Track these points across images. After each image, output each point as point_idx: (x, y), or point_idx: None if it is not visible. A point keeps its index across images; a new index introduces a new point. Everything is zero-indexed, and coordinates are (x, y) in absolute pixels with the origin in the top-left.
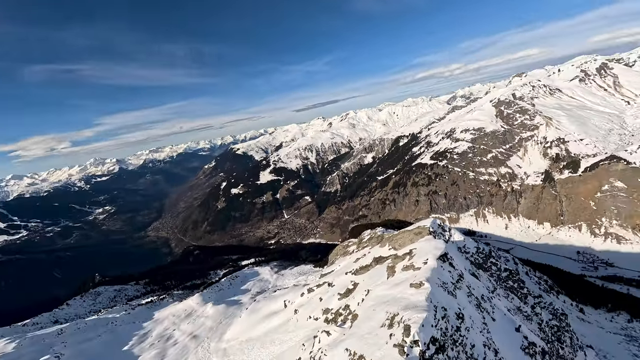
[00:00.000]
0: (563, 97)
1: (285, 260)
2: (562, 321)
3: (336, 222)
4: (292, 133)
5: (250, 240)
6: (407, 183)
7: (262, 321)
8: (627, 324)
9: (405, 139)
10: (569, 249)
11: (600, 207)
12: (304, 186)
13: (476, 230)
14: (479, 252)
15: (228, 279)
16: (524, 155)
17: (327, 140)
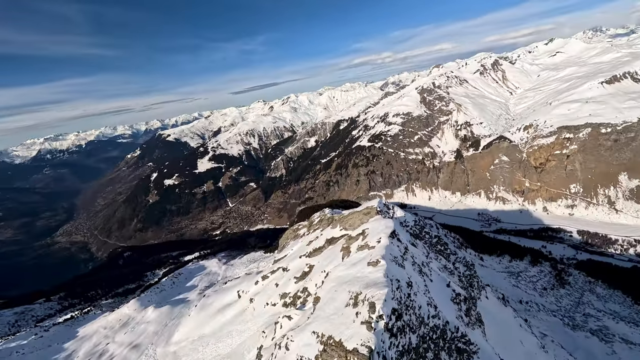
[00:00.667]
0: (469, 87)
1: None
2: (472, 270)
3: (283, 206)
4: (231, 117)
5: (193, 234)
6: (349, 165)
7: (214, 316)
8: (508, 264)
9: (345, 123)
10: (473, 211)
11: (492, 177)
12: (247, 172)
13: (407, 203)
14: (415, 225)
15: (170, 277)
16: (441, 136)
17: (269, 124)
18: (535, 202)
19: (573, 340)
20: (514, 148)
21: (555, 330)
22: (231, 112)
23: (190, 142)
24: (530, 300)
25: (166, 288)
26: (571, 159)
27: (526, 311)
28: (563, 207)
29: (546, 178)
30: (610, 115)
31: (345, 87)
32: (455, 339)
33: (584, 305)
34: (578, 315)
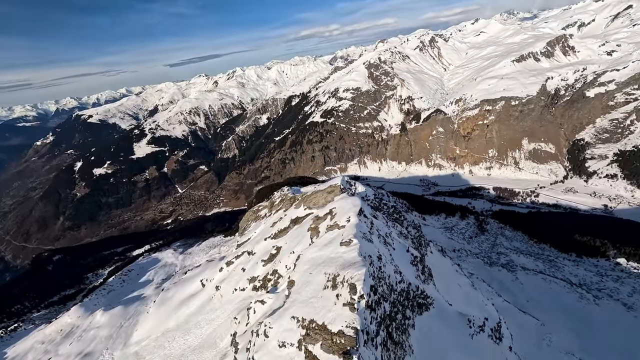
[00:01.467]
0: (410, 63)
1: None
2: (419, 231)
3: (239, 187)
4: (169, 94)
5: (139, 226)
6: (303, 141)
7: (178, 308)
8: (444, 220)
9: (297, 99)
10: (416, 178)
11: (431, 146)
12: (196, 155)
13: (359, 175)
14: (375, 198)
15: (118, 276)
16: (388, 111)
17: (215, 101)
18: (464, 167)
19: (490, 274)
20: (447, 120)
21: (478, 268)
22: (168, 87)
23: (121, 123)
24: (461, 248)
25: (115, 288)
26: (490, 128)
27: (458, 257)
28: (483, 169)
29: (471, 145)
30: (518, 90)
31: (295, 61)
32: (417, 296)
33: (497, 246)
34: (493, 254)
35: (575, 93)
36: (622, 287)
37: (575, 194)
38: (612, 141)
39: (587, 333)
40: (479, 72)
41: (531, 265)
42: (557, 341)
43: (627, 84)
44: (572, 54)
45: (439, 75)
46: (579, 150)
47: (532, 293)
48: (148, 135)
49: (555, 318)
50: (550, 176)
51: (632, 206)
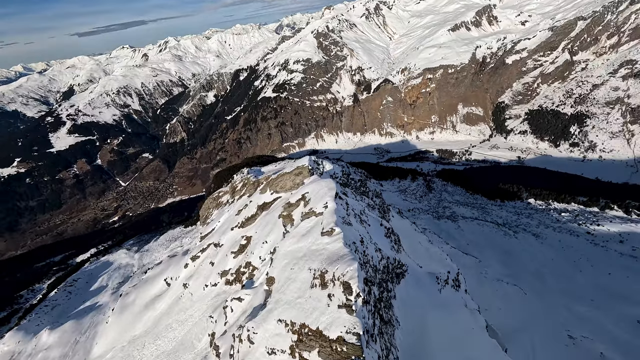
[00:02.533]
0: (358, 32)
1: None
2: (381, 198)
3: (194, 173)
4: (85, 71)
5: (78, 229)
6: (257, 119)
7: (143, 312)
8: (398, 184)
9: (245, 73)
10: (370, 147)
11: (382, 116)
12: (135, 142)
13: (318, 148)
14: (343, 174)
15: (62, 288)
16: (340, 82)
17: (148, 78)
18: (411, 133)
19: (439, 226)
20: (395, 89)
21: (429, 223)
22: (83, 63)
23: (25, 110)
24: (414, 208)
25: (60, 302)
26: (431, 95)
27: (413, 216)
28: (428, 134)
29: (417, 113)
30: (453, 58)
31: (237, 30)
32: (395, 268)
33: (443, 201)
34: (440, 209)
35: (498, 60)
36: (532, 221)
37: (498, 149)
38: (524, 102)
39: (510, 262)
40: (420, 41)
41: (468, 213)
42: (491, 273)
43: (535, 51)
44: (495, 23)
45: (385, 44)
46: (500, 112)
47: (470, 237)
48: (67, 123)
49: (488, 254)
50: (480, 136)
51: (537, 155)
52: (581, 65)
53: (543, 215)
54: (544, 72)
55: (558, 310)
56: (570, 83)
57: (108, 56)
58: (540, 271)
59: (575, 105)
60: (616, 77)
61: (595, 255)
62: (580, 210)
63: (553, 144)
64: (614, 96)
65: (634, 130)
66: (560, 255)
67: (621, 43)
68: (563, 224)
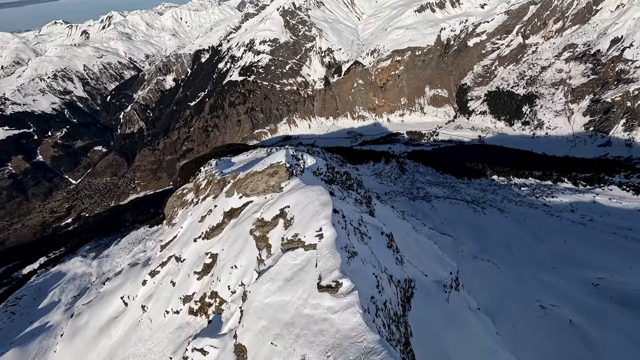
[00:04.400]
0: (326, 10)
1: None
2: (364, 188)
3: (157, 166)
4: (10, 51)
5: (22, 235)
6: (224, 104)
7: (98, 339)
8: (373, 167)
9: (207, 54)
10: (343, 131)
11: (354, 99)
12: (84, 134)
13: (291, 134)
14: (328, 169)
15: (3, 308)
16: (310, 64)
17: (92, 59)
18: (382, 116)
19: (414, 207)
20: (366, 72)
21: (405, 205)
22: (5, 40)
23: None
24: (390, 191)
25: (1, 325)
26: (400, 78)
27: (390, 199)
28: (398, 117)
29: (387, 95)
30: (420, 40)
31: (194, 6)
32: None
33: (416, 182)
34: (414, 190)
35: (461, 43)
36: (496, 197)
37: (462, 129)
38: (484, 84)
39: (481, 237)
40: (388, 22)
41: (440, 193)
42: (467, 250)
43: (493, 34)
44: (457, 5)
45: (354, 25)
46: (463, 93)
47: (444, 215)
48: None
49: (461, 231)
50: (445, 117)
51: (495, 134)
52: (532, 49)
53: (506, 191)
54: (501, 55)
55: (527, 280)
56: (522, 65)
57: (37, 33)
58: (507, 243)
59: (527, 87)
60: (560, 59)
61: (552, 225)
62: (537, 184)
63: (508, 123)
64: (558, 78)
65: (574, 108)
66: (522, 227)
67: (565, 27)
68: (523, 198)
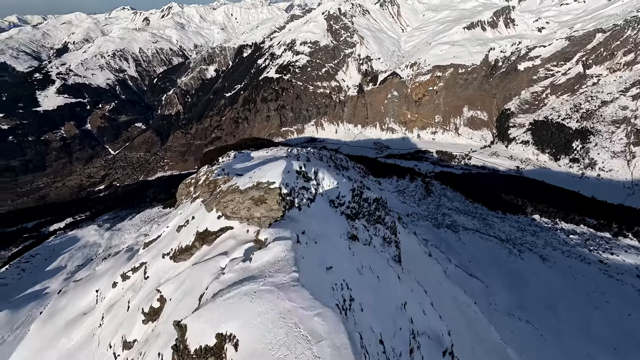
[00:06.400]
0: (370, 19)
1: (125, 208)
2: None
3: (187, 149)
4: (82, 29)
5: (62, 194)
6: (257, 99)
7: (62, 333)
8: (396, 183)
9: (249, 50)
10: (370, 141)
11: (386, 110)
12: (129, 110)
13: (316, 137)
14: (354, 196)
15: (15, 264)
16: (346, 70)
17: (147, 44)
18: (413, 131)
19: (438, 235)
20: (402, 84)
21: (428, 232)
22: (80, 20)
23: (15, 63)
24: (413, 212)
25: (9, 280)
26: (438, 94)
27: (412, 222)
28: (429, 134)
29: (421, 111)
30: (466, 57)
31: (246, 4)
32: None
33: (442, 207)
34: (439, 215)
35: (510, 65)
36: (537, 240)
37: (498, 157)
38: (530, 112)
39: (518, 287)
40: (433, 36)
41: (469, 224)
42: (500, 302)
43: (549, 60)
44: (512, 26)
45: (397, 36)
46: (505, 119)
47: (472, 251)
48: (57, 82)
49: (493, 275)
50: (481, 141)
51: (536, 167)
52: (593, 80)
53: (550, 235)
54: (555, 83)
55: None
56: (579, 97)
57: (107, 16)
58: (551, 302)
59: (581, 121)
60: (627, 95)
61: (611, 290)
62: (591, 234)
63: (553, 157)
64: (621, 115)
65: (636, 152)
66: (571, 284)
67: (637, 61)
68: (572, 248)
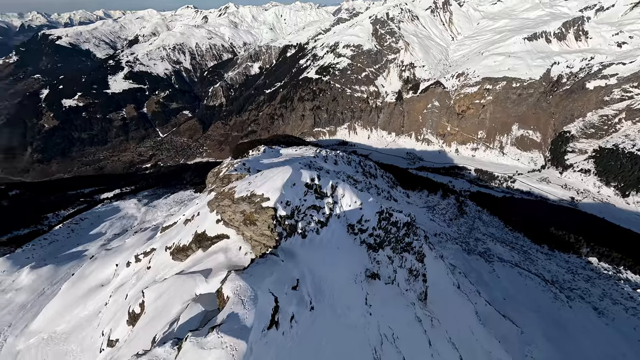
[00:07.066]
0: (419, 25)
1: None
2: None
3: (224, 139)
4: (151, 24)
5: (116, 167)
6: (294, 98)
7: (81, 300)
8: (426, 198)
9: (293, 50)
10: (403, 151)
11: (424, 120)
12: (179, 98)
13: (348, 140)
14: (382, 220)
15: (67, 224)
16: (387, 76)
17: (203, 39)
18: (451, 145)
19: (469, 263)
20: (445, 94)
21: (457, 257)
22: (151, 16)
23: (96, 51)
24: (441, 232)
25: (59, 238)
26: (485, 108)
27: (439, 243)
28: (469, 150)
29: (463, 124)
30: (522, 71)
31: (296, 7)
32: None
33: (475, 231)
34: (471, 240)
35: (576, 83)
36: (593, 288)
37: (549, 184)
38: (596, 137)
39: (563, 341)
40: (487, 46)
41: (507, 255)
42: (538, 355)
43: (628, 80)
44: (583, 39)
45: (446, 44)
46: (563, 143)
47: (508, 288)
48: (125, 69)
49: (531, 321)
50: (530, 164)
51: (596, 201)
52: None
53: (610, 285)
54: (632, 107)
55: None
56: None
57: (173, 13)
58: None
59: None
60: None
61: None
62: None
63: (621, 192)
64: None
65: None
66: (636, 351)
67: None
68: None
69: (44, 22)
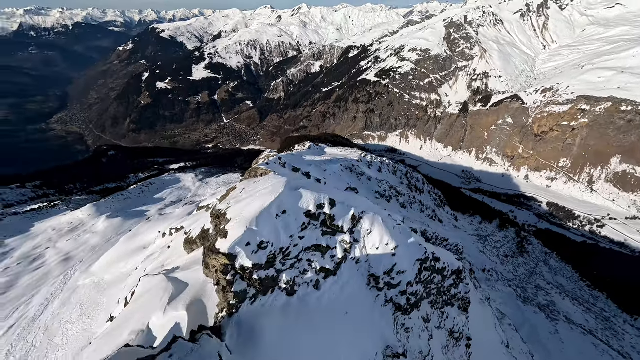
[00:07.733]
0: (502, 30)
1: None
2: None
3: (277, 130)
4: (233, 21)
5: (186, 144)
6: (349, 98)
7: (127, 257)
8: (478, 225)
9: (356, 51)
10: (458, 168)
11: (489, 137)
12: (245, 89)
13: (398, 148)
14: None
15: (140, 185)
16: (453, 84)
17: (273, 37)
18: (520, 170)
19: (522, 314)
20: (522, 111)
21: (509, 303)
22: (234, 14)
23: (187, 43)
24: (492, 269)
25: (132, 196)
26: (575, 132)
27: (487, 280)
28: (544, 179)
29: (541, 147)
30: (638, 91)
31: (366, 8)
32: None
33: (537, 276)
34: (530, 287)
35: None
36: None
37: None
38: None
39: None
40: (591, 57)
41: (579, 317)
42: None
43: None
44: None
45: (534, 53)
46: None
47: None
48: (206, 60)
49: None
50: (629, 209)
51: None
52: None
53: None
54: None
55: None
56: None
57: (253, 12)
58: None
59: None
60: None
61: None
62: None
63: None
64: None
65: None
66: None
67: None
68: None
69: (155, 18)
